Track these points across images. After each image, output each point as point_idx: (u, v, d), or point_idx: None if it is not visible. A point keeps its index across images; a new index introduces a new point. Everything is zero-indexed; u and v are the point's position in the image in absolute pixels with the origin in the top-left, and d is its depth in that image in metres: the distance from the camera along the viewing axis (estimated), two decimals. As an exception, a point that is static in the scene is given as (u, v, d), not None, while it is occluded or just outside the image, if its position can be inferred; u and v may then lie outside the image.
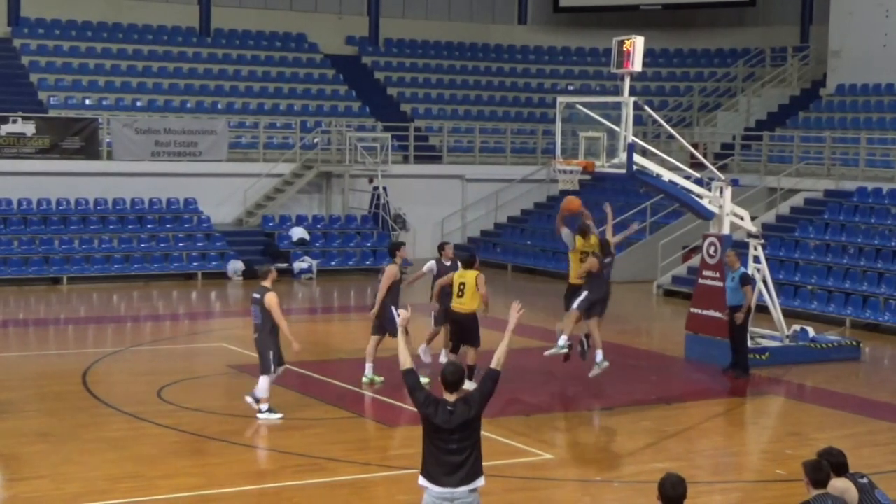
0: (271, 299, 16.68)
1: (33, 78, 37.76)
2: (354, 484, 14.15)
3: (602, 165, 20.98)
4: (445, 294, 19.09)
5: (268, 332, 16.75)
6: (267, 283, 16.96)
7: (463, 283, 18.46)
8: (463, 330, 18.42)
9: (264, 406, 16.80)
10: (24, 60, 38.43)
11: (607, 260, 19.59)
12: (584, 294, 18.87)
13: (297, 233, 34.77)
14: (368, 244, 35.63)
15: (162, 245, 33.35)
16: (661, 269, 32.12)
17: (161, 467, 14.44)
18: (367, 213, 36.94)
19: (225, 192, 35.54)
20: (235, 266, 32.83)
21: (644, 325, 28.12)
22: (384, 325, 18.64)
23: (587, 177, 23.09)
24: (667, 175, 21.63)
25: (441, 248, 20.45)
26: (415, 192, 37.89)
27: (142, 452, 15.13)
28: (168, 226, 34.05)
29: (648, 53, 26.94)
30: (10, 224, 32.39)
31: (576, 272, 19.82)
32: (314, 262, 33.91)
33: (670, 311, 28.94)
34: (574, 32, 47.09)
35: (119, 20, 41.19)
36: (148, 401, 17.91)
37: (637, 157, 20.81)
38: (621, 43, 20.97)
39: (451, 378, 9.88)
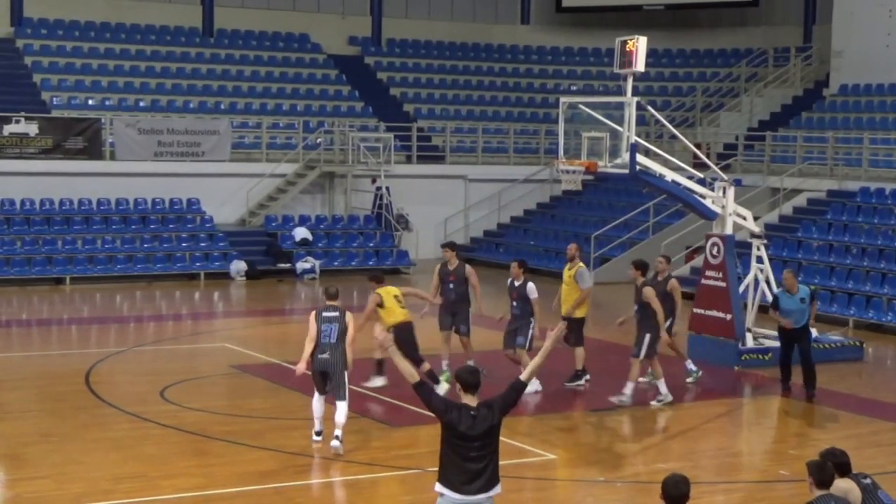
0: (352, 320, 15.52)
1: (36, 78, 37.78)
2: (357, 484, 14.15)
3: (605, 165, 20.98)
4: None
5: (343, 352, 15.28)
6: (338, 303, 15.89)
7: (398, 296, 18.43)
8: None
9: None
10: (27, 60, 38.45)
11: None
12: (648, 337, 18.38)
13: (300, 233, 34.76)
14: (371, 244, 35.62)
15: (165, 245, 33.35)
16: (664, 269, 32.05)
17: (163, 467, 14.44)
18: (369, 214, 36.94)
19: (228, 193, 35.55)
20: (238, 266, 32.82)
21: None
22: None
23: (590, 177, 23.10)
24: (669, 175, 21.63)
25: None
26: (417, 192, 37.89)
27: (144, 452, 15.12)
28: (171, 226, 34.06)
29: (651, 53, 26.98)
30: (13, 224, 32.39)
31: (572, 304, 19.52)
32: (317, 263, 33.91)
33: (673, 311, 28.89)
34: (577, 32, 47.08)
35: (122, 20, 41.21)
36: (150, 401, 17.91)
37: (640, 158, 20.82)
38: (624, 43, 20.98)
39: (471, 379, 9.71)
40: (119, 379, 19.93)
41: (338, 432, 15.02)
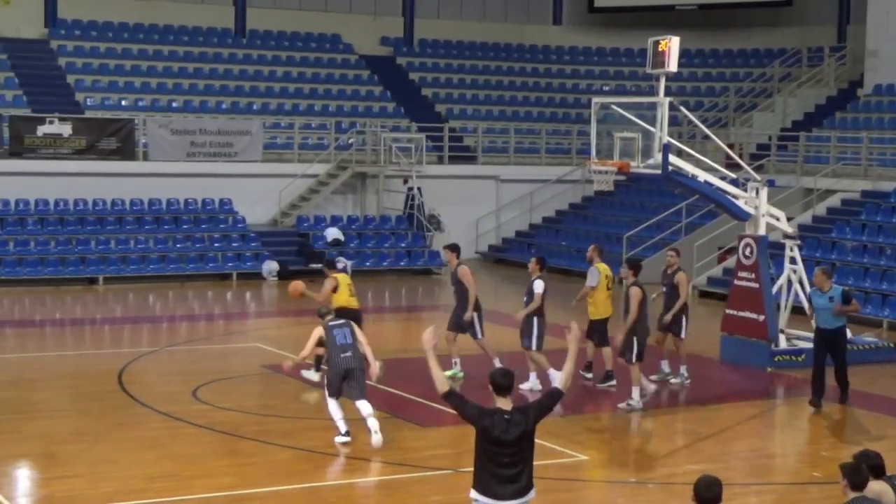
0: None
1: (70, 79, 37.99)
2: (389, 484, 14.15)
3: (637, 166, 20.90)
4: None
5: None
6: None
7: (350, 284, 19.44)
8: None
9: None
10: (61, 62, 38.67)
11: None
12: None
13: (332, 233, 34.82)
14: (403, 245, 35.64)
15: (197, 245, 33.46)
16: (697, 269, 31.95)
17: (196, 467, 14.48)
18: (401, 214, 36.95)
19: (260, 193, 35.63)
20: (270, 266, 32.90)
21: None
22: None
23: (622, 177, 23.04)
24: (702, 176, 21.54)
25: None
26: (449, 192, 37.88)
27: (177, 452, 15.17)
28: (203, 226, 34.17)
29: (684, 54, 26.85)
30: (47, 224, 32.57)
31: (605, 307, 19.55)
32: (349, 263, 33.89)
33: (705, 311, 28.76)
34: (609, 33, 46.99)
35: (155, 21, 41.38)
36: (183, 400, 17.97)
37: (672, 158, 20.73)
38: (656, 43, 20.90)
39: (504, 382, 9.61)
40: (151, 378, 20.00)
41: (374, 425, 15.27)
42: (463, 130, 41.04)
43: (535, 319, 18.69)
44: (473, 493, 9.61)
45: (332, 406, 15.63)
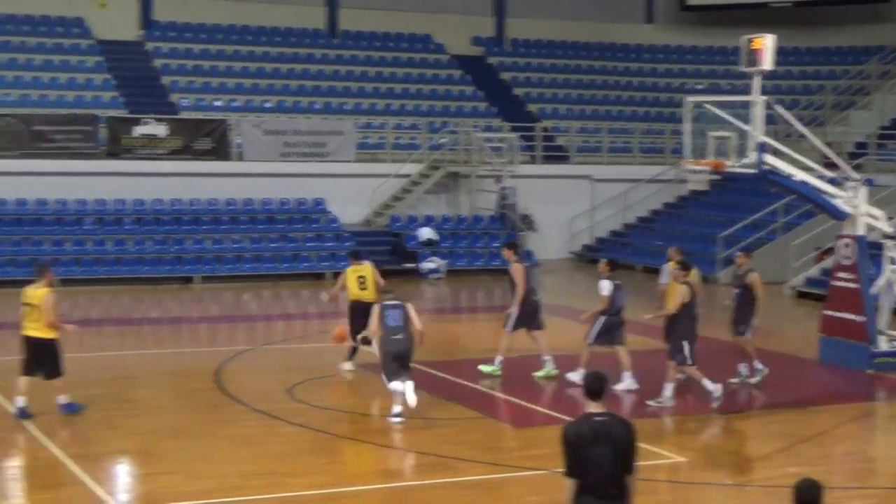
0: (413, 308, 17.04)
1: (165, 80, 38.45)
2: (483, 484, 14.10)
3: (732, 165, 20.69)
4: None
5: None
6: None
7: (363, 276, 20.05)
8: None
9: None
10: (157, 63, 39.14)
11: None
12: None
13: (425, 233, 34.87)
14: (496, 244, 35.56)
15: (291, 245, 33.68)
16: (794, 270, 31.61)
17: (291, 465, 14.54)
18: (494, 214, 36.92)
19: (353, 193, 35.79)
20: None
21: (776, 327, 27.63)
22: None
23: (717, 177, 22.79)
24: (798, 175, 21.25)
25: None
26: (542, 192, 37.78)
27: (272, 450, 15.25)
28: (297, 226, 34.40)
29: (779, 51, 26.47)
30: (143, 224, 32.99)
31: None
32: (442, 263, 33.98)
33: (803, 312, 28.44)
34: (702, 31, 46.60)
35: (248, 22, 41.75)
36: (278, 399, 18.06)
37: (768, 157, 20.49)
38: (751, 41, 20.67)
39: (595, 386, 9.28)
40: (247, 377, 20.13)
41: (398, 409, 16.28)
42: (556, 130, 40.92)
43: (602, 319, 18.70)
44: None
45: (394, 386, 16.39)
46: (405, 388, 16.25)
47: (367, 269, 20.43)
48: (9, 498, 12.94)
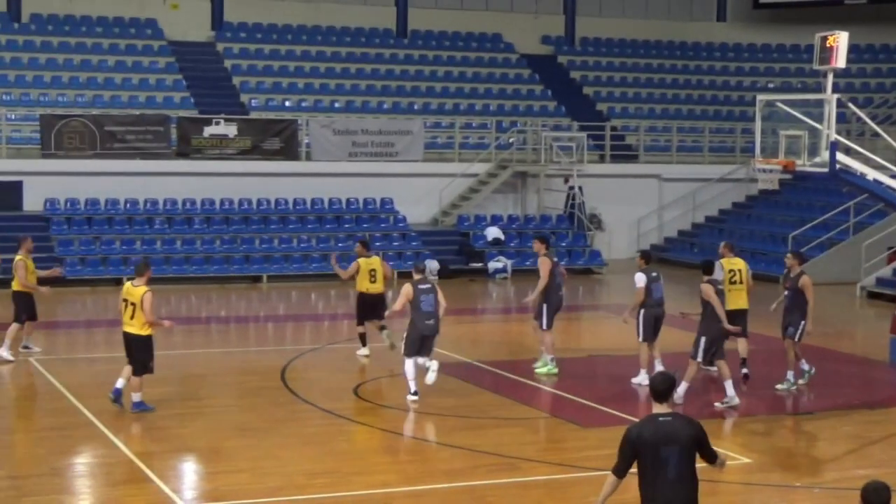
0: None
1: (235, 81, 38.70)
2: (548, 484, 14.05)
3: (803, 164, 20.47)
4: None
5: None
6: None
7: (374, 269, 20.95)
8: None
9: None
10: (227, 64, 39.41)
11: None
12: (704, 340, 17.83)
13: (492, 233, 34.83)
14: (564, 244, 35.48)
15: (359, 245, 33.69)
16: (865, 270, 31.26)
17: (356, 464, 14.57)
18: (562, 213, 36.81)
19: (421, 192, 35.82)
20: (431, 265, 32.97)
21: (847, 328, 27.37)
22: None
23: (788, 176, 22.59)
24: (871, 174, 20.99)
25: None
26: (610, 191, 37.63)
27: (337, 449, 15.29)
28: (365, 225, 34.48)
29: (853, 49, 26.24)
30: (212, 223, 33.21)
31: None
32: (509, 262, 33.92)
33: (874, 313, 28.12)
34: (775, 29, 46.18)
35: (317, 23, 41.92)
36: (344, 398, 18.11)
37: (840, 156, 20.25)
38: (824, 39, 20.44)
39: (661, 387, 9.34)
40: (314, 376, 20.21)
41: (434, 365, 17.68)
42: (625, 129, 40.73)
43: (641, 312, 18.89)
44: None
45: (409, 365, 17.60)
46: (430, 366, 17.56)
47: (376, 261, 21.37)
48: (77, 495, 13.06)
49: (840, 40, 20.14)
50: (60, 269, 23.74)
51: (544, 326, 19.87)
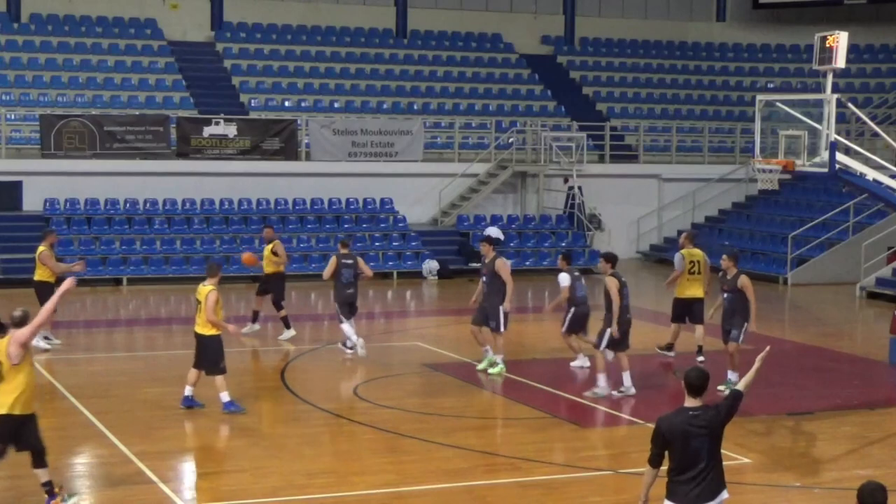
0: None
1: (235, 81, 38.71)
2: (547, 484, 14.05)
3: (803, 164, 20.45)
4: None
5: None
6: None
7: None
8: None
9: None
10: (227, 64, 39.41)
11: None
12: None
13: (492, 232, 34.76)
14: (563, 244, 35.48)
15: (358, 245, 33.70)
16: (865, 270, 31.27)
17: (356, 464, 14.57)
18: (561, 213, 36.82)
19: (420, 192, 35.83)
20: (430, 266, 33.04)
21: (846, 328, 27.40)
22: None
23: (787, 176, 22.57)
24: (871, 174, 20.99)
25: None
26: (610, 191, 37.65)
27: (338, 449, 15.30)
28: (364, 225, 34.48)
29: (852, 49, 26.28)
30: (212, 223, 33.22)
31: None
32: (509, 262, 33.84)
33: (874, 313, 28.13)
34: (774, 29, 46.21)
35: (317, 23, 41.93)
36: (344, 398, 18.12)
37: (840, 156, 20.24)
38: (824, 39, 20.42)
39: (698, 382, 9.67)
40: (314, 376, 20.21)
41: (350, 343, 20.75)
42: (624, 129, 40.73)
43: (572, 310, 19.59)
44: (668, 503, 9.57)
45: (346, 326, 20.79)
46: (359, 343, 20.49)
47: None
48: (77, 495, 13.06)
49: (840, 40, 20.12)
50: (82, 264, 23.70)
51: (501, 329, 19.80)
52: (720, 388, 18.81)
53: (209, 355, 16.86)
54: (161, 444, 15.38)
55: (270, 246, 23.70)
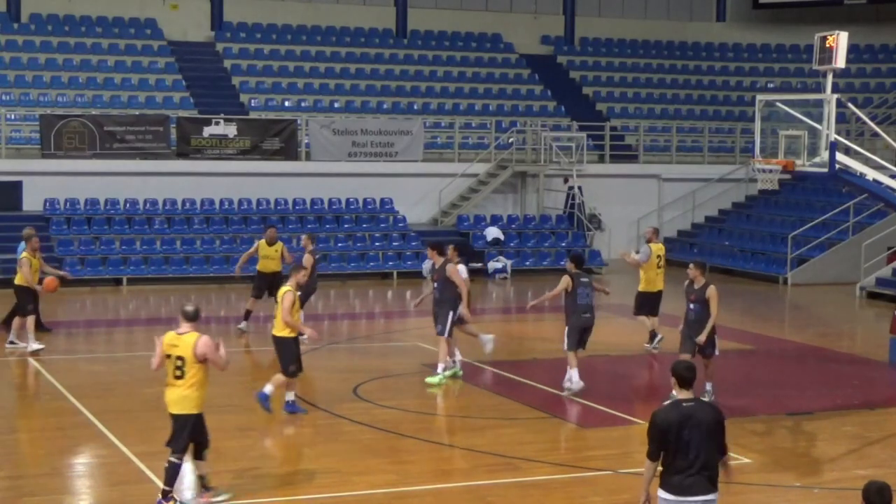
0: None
1: (235, 81, 38.70)
2: (547, 484, 14.06)
3: (803, 164, 20.48)
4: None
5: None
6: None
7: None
8: None
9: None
10: (227, 64, 39.40)
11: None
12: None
13: (492, 233, 34.83)
14: (563, 244, 35.49)
15: (358, 245, 33.78)
16: (865, 270, 31.27)
17: (356, 464, 14.57)
18: (562, 213, 36.82)
19: (420, 192, 35.83)
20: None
21: (846, 328, 27.41)
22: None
23: (787, 176, 22.60)
24: (871, 174, 21.01)
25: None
26: (610, 191, 37.65)
27: (338, 449, 15.29)
28: (364, 225, 34.48)
29: (852, 49, 26.28)
30: (212, 223, 33.21)
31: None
32: (509, 262, 33.92)
33: (874, 314, 28.13)
34: (774, 29, 46.20)
35: (317, 23, 41.92)
36: (344, 398, 18.11)
37: (840, 156, 20.26)
38: (824, 39, 20.45)
39: (686, 375, 9.77)
40: (313, 376, 20.19)
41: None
42: (624, 129, 40.73)
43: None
44: (661, 493, 9.67)
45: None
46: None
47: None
48: (77, 495, 13.06)
49: (840, 40, 20.15)
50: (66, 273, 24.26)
51: (446, 334, 19.34)
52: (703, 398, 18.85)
53: (280, 356, 16.80)
54: (161, 444, 15.33)
55: (276, 246, 23.87)
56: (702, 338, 17.25)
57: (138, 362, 21.34)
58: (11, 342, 21.47)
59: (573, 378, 18.07)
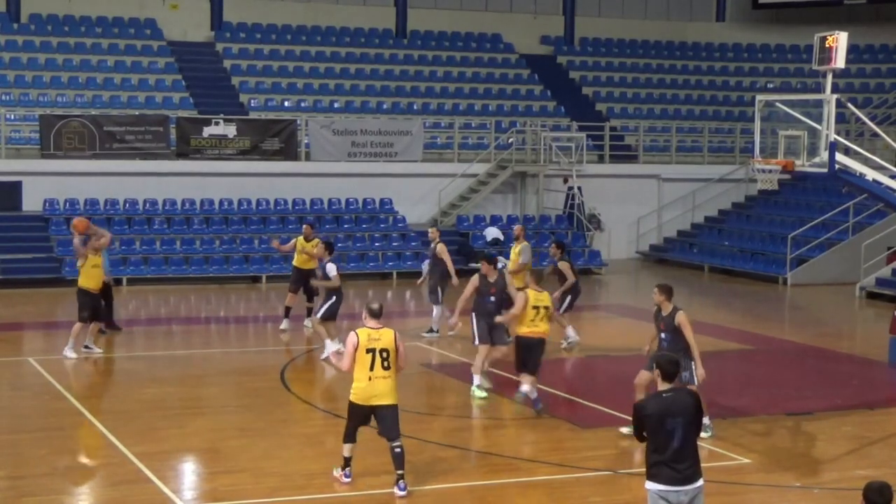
0: None
1: (235, 81, 38.70)
2: (548, 484, 14.06)
3: (802, 165, 20.45)
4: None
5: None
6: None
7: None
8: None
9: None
10: (226, 64, 39.40)
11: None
12: None
13: (492, 233, 34.82)
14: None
15: (358, 245, 33.77)
16: (865, 270, 31.26)
17: (357, 464, 14.52)
18: (561, 213, 36.81)
19: (420, 193, 35.82)
20: (423, 266, 32.97)
21: (846, 328, 27.41)
22: None
23: (787, 176, 22.58)
24: (871, 174, 20.99)
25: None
26: (610, 191, 37.66)
27: (337, 449, 15.23)
28: (364, 226, 34.48)
29: (852, 49, 26.28)
30: (212, 224, 33.20)
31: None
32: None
33: (874, 314, 28.12)
34: (774, 29, 46.21)
35: (317, 23, 41.93)
36: (344, 398, 17.96)
37: (839, 156, 20.24)
38: (823, 39, 20.42)
39: (670, 369, 10.01)
40: (313, 376, 20.23)
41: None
42: (624, 129, 40.74)
43: (334, 298, 20.75)
44: (649, 484, 9.87)
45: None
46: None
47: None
48: (77, 495, 13.06)
49: (839, 40, 20.11)
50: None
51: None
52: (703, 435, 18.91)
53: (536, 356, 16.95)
54: (161, 444, 15.37)
55: (313, 242, 23.55)
56: (700, 372, 15.43)
57: (138, 362, 21.38)
58: (86, 346, 21.32)
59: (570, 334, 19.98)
